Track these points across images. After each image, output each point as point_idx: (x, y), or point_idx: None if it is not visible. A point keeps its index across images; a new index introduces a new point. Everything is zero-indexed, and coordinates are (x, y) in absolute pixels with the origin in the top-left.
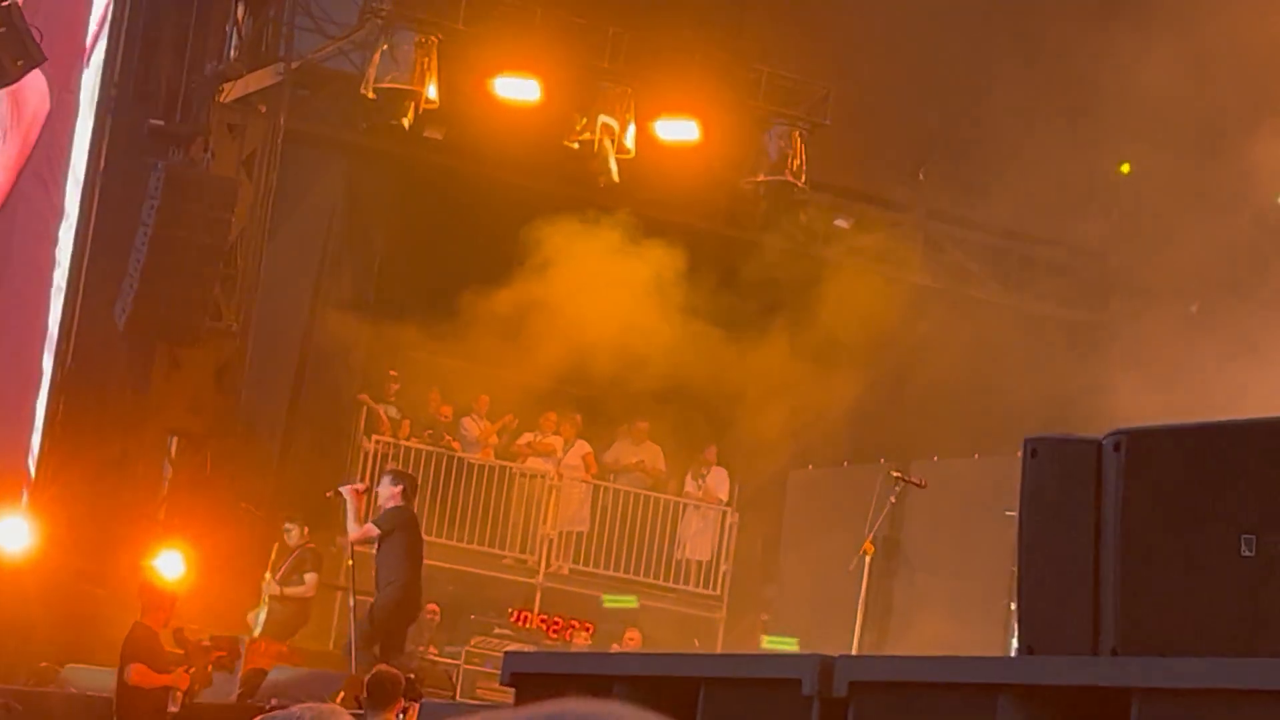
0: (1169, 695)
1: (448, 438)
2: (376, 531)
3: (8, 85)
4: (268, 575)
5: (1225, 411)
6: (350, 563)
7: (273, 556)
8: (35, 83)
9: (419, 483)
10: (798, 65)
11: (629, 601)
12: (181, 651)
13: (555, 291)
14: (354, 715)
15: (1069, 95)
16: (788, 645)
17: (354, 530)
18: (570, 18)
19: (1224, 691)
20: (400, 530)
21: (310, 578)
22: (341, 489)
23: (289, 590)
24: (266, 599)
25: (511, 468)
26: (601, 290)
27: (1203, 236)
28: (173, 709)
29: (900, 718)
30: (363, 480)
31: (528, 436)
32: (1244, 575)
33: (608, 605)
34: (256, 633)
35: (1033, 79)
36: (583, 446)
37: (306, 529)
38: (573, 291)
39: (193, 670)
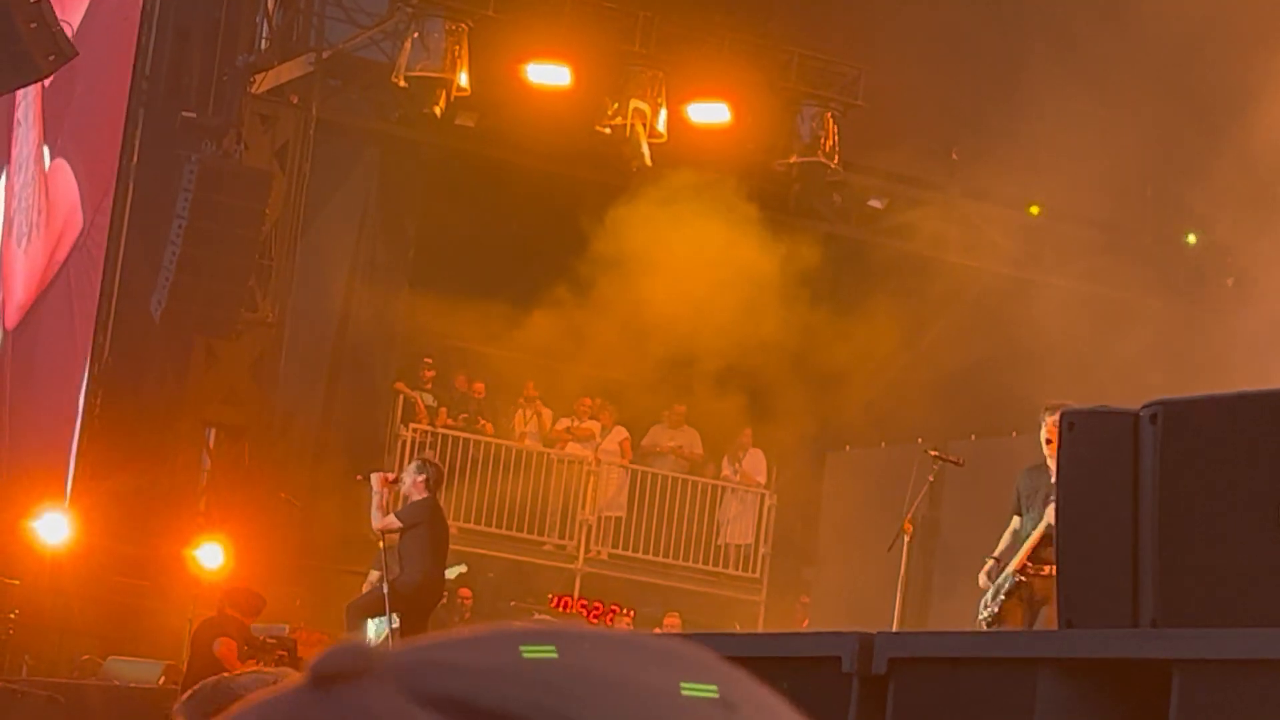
0: (1209, 666)
1: (482, 420)
2: (399, 524)
3: (40, 80)
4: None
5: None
6: (382, 545)
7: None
8: (67, 192)
9: (446, 471)
10: (828, 46)
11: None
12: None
13: (595, 277)
14: None
15: (1102, 72)
16: None
17: (377, 520)
18: (600, 2)
19: (1265, 662)
20: (424, 525)
21: (374, 575)
22: (371, 476)
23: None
24: None
25: (549, 454)
26: (640, 276)
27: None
28: None
29: (940, 694)
30: (392, 471)
31: (565, 422)
32: None
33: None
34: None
35: (1066, 56)
36: (620, 432)
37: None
38: (611, 277)
39: (261, 666)
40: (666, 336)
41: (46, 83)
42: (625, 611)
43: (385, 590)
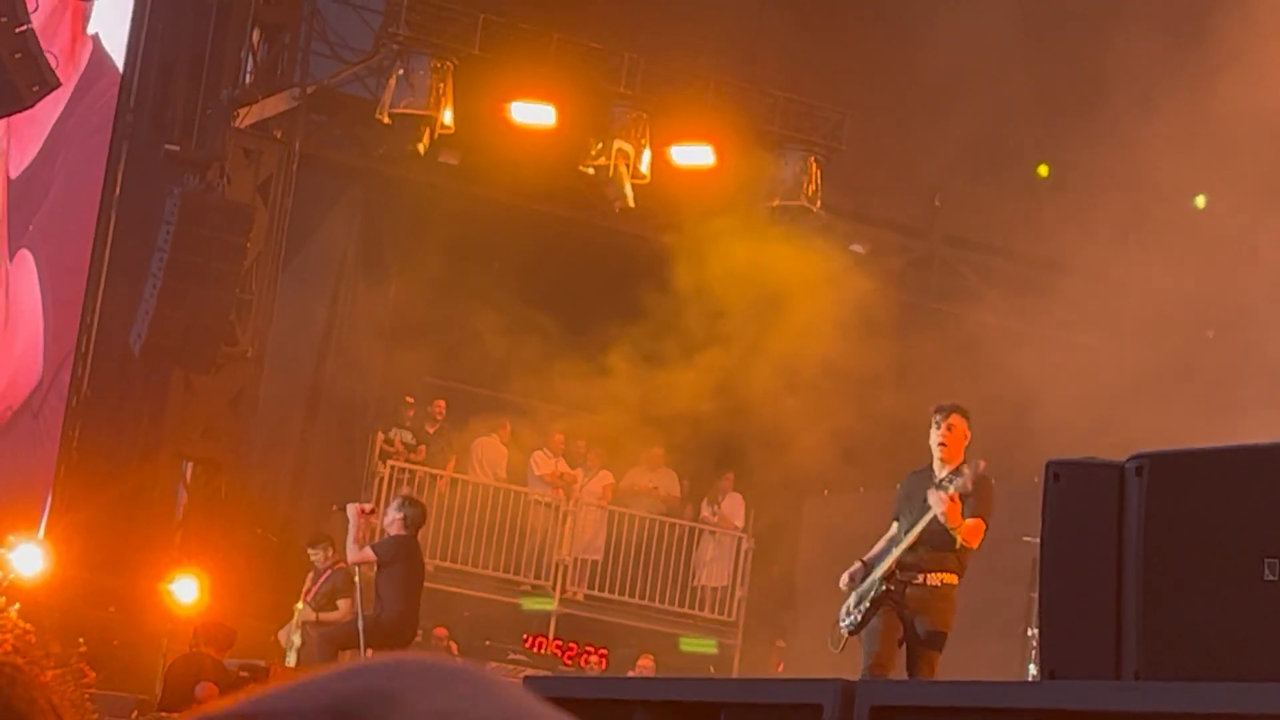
0: None
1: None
2: (373, 557)
3: (24, 109)
4: (301, 604)
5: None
6: (358, 580)
7: (306, 584)
8: (30, 347)
9: (427, 510)
10: (812, 91)
11: (708, 646)
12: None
13: (570, 316)
14: None
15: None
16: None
17: (352, 552)
18: (586, 43)
19: (1248, 716)
20: (399, 562)
21: (344, 604)
22: (348, 507)
23: (324, 616)
24: (299, 624)
25: (527, 494)
26: (612, 316)
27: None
28: None
29: None
30: (370, 503)
31: (541, 460)
32: (1267, 599)
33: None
34: (290, 655)
35: (1048, 104)
36: (605, 476)
37: (331, 550)
38: (587, 316)
39: None
40: (643, 380)
41: (13, 175)
42: (599, 652)
43: (361, 626)
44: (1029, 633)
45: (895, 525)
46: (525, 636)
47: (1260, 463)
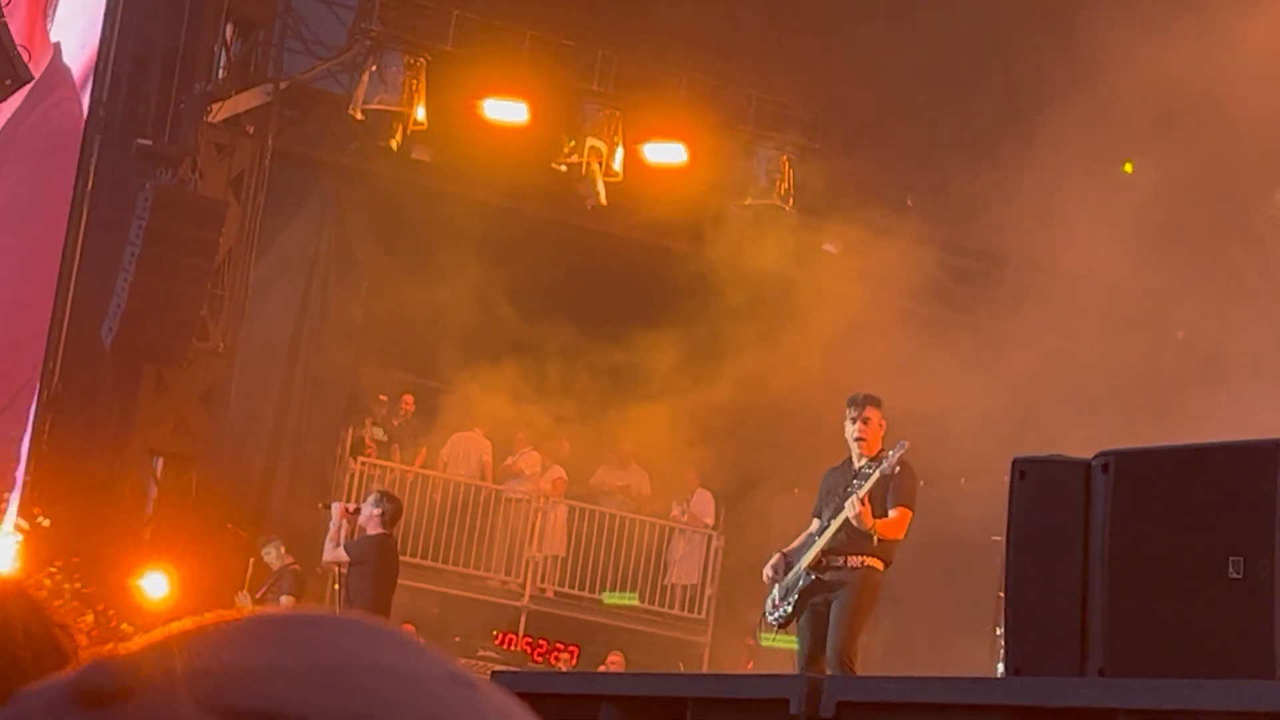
0: (1155, 716)
1: (405, 440)
2: (346, 558)
3: None
4: (243, 594)
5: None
6: (337, 586)
7: (248, 574)
8: None
9: (402, 505)
10: (786, 89)
11: (630, 598)
12: None
13: (541, 313)
14: None
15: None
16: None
17: (328, 551)
18: (559, 40)
19: (1211, 713)
20: (372, 561)
21: (286, 600)
22: (333, 505)
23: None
24: None
25: (499, 490)
26: (583, 314)
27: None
28: None
29: None
30: (353, 503)
31: (509, 458)
32: (1231, 597)
33: (608, 603)
34: None
35: (1019, 102)
36: (556, 470)
37: (283, 548)
38: (558, 314)
39: None
40: (619, 374)
41: None
42: (569, 648)
43: None
44: (997, 631)
45: (814, 521)
46: (495, 633)
47: (1225, 461)
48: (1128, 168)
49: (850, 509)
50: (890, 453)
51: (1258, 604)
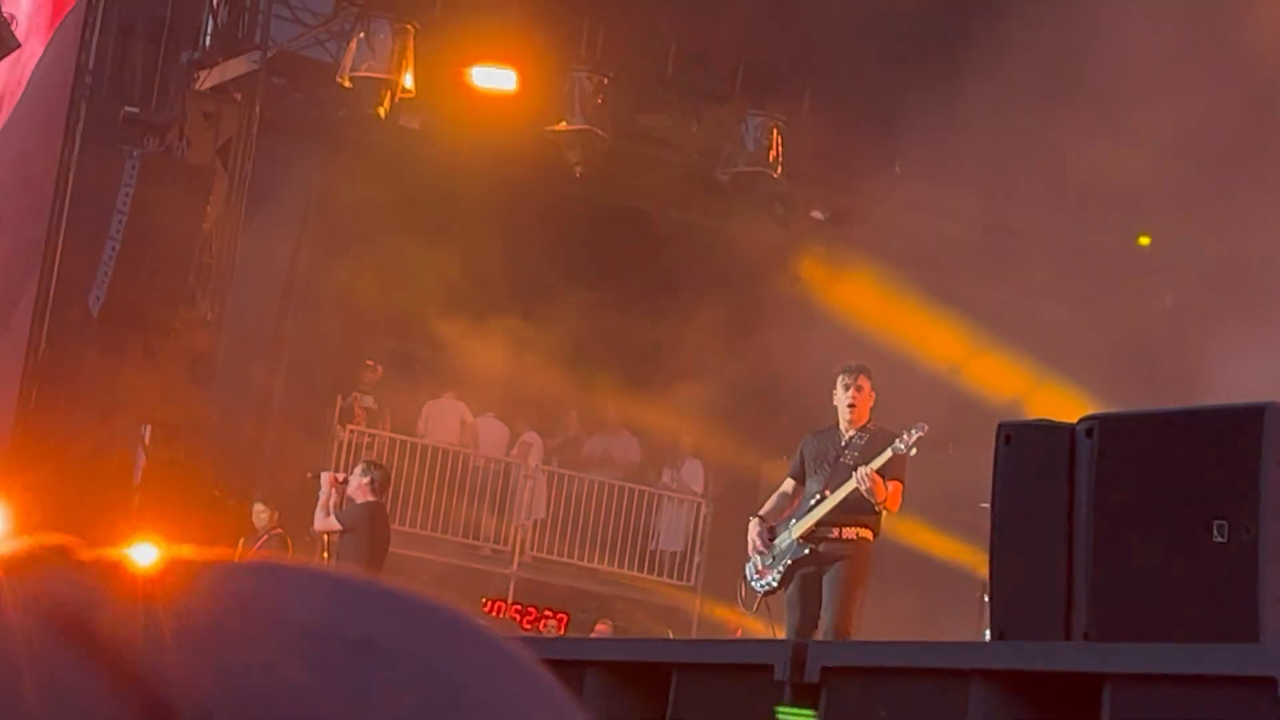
0: (1140, 680)
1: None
2: (339, 526)
3: None
4: None
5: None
6: (326, 555)
7: (239, 545)
8: None
9: (390, 473)
10: (774, 56)
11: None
12: None
13: (531, 279)
14: None
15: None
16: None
17: (319, 520)
18: (548, 5)
19: (1195, 677)
20: (363, 530)
21: None
22: (321, 474)
23: None
24: None
25: (486, 458)
26: (574, 280)
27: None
28: None
29: (872, 703)
30: (342, 472)
31: (493, 424)
32: (1215, 560)
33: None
34: None
35: (1008, 67)
36: (533, 438)
37: (276, 514)
38: (549, 280)
39: None
40: (609, 341)
41: None
42: (557, 615)
43: None
44: (985, 599)
45: (790, 483)
46: (484, 600)
47: (1209, 425)
48: (1143, 240)
49: (862, 481)
50: (907, 433)
51: (1242, 568)
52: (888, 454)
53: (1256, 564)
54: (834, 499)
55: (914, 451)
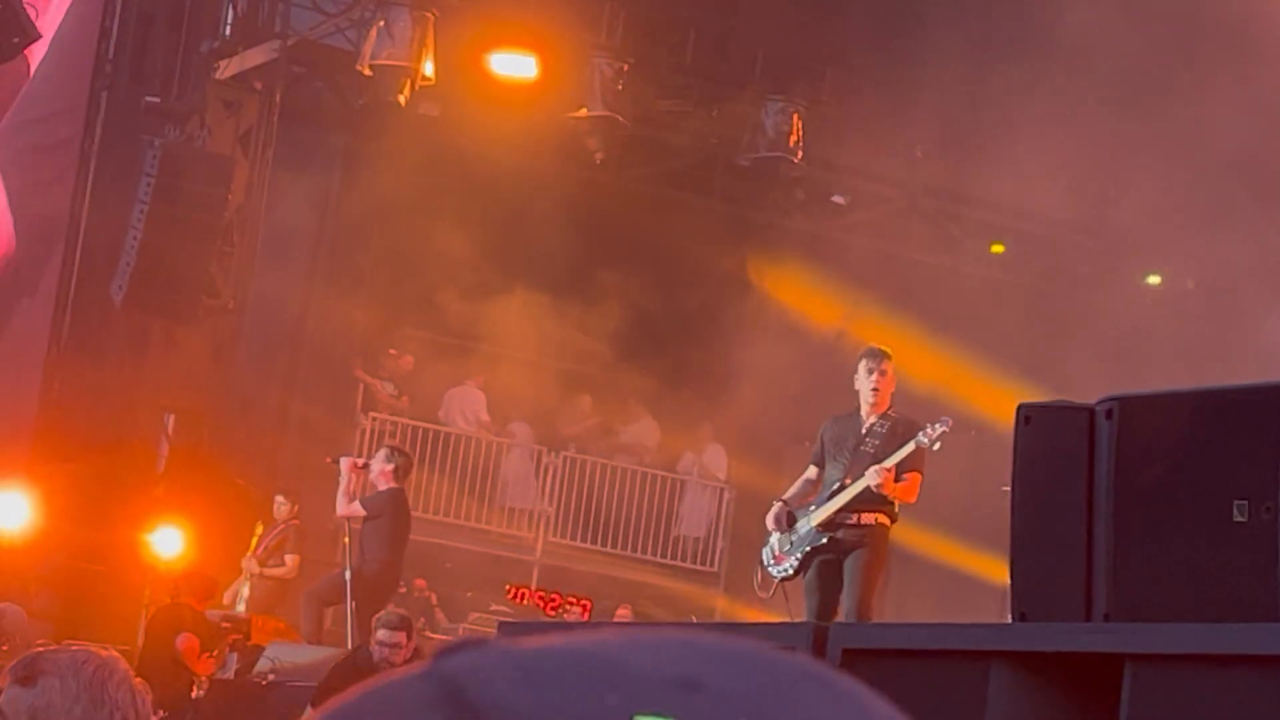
0: (1162, 661)
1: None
2: (363, 512)
3: (5, 61)
4: (248, 557)
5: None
6: (347, 540)
7: (255, 538)
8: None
9: (413, 459)
10: (794, 42)
11: None
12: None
13: (552, 266)
14: None
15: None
16: None
17: (342, 506)
18: None
19: (1217, 657)
20: (387, 516)
21: (291, 559)
22: (341, 460)
23: (269, 571)
24: (248, 576)
25: (508, 444)
26: (594, 266)
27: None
28: (198, 693)
29: (893, 686)
30: (362, 457)
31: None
32: (1237, 541)
33: None
34: (240, 607)
35: (1029, 52)
36: (523, 428)
37: (296, 506)
38: (569, 267)
39: (216, 654)
40: (630, 326)
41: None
42: (581, 602)
43: (348, 577)
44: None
45: (814, 469)
46: (508, 588)
47: (1230, 404)
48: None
49: (873, 478)
50: (931, 427)
51: (1263, 547)
52: (910, 446)
53: (1277, 543)
54: (853, 489)
55: (938, 446)
